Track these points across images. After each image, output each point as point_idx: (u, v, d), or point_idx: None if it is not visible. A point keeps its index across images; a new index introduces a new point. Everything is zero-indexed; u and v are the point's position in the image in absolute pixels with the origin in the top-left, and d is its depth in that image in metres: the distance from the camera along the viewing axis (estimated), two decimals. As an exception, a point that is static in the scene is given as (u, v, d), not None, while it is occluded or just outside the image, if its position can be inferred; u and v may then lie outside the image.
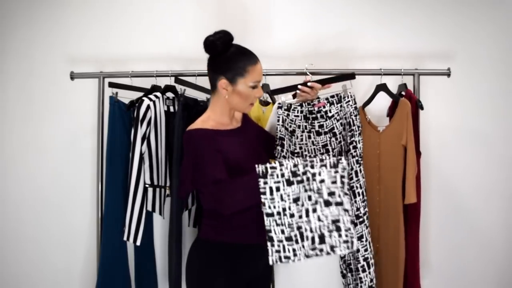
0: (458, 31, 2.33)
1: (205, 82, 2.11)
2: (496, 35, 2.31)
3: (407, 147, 1.88)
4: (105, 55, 2.46)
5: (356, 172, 1.70)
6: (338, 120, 1.69)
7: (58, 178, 2.48)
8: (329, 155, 1.64)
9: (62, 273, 2.49)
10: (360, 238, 1.67)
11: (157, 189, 2.00)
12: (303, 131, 1.68)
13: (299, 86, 1.70)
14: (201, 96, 2.13)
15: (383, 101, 2.12)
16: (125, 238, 1.90)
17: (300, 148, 1.67)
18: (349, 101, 1.71)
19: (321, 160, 1.28)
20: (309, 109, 1.70)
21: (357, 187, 1.70)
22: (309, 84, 1.69)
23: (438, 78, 2.23)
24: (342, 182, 1.27)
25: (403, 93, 2.06)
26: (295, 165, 1.29)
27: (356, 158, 1.69)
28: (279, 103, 1.71)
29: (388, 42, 2.35)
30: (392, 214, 1.93)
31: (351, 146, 1.69)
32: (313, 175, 1.27)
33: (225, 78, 1.48)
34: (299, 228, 1.29)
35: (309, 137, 1.67)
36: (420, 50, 2.34)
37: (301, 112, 1.71)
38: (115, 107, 2.05)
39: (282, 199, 1.30)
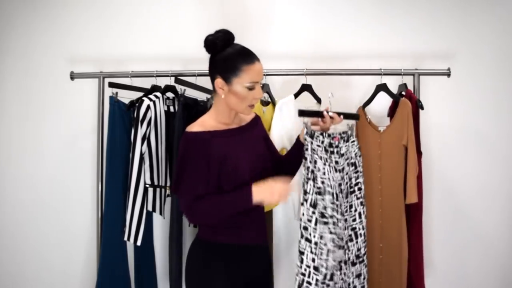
0: (458, 31, 2.33)
1: (205, 82, 2.12)
2: (496, 35, 2.31)
3: (408, 147, 1.88)
4: (105, 55, 2.45)
5: (359, 214, 1.66)
6: (346, 160, 1.62)
7: (58, 178, 2.48)
8: (342, 193, 1.60)
9: (62, 273, 2.49)
10: (358, 276, 1.66)
11: (157, 189, 2.00)
12: (324, 164, 1.56)
13: (325, 113, 1.56)
14: (201, 96, 2.13)
15: (383, 101, 2.12)
16: (125, 238, 1.90)
17: (322, 182, 1.54)
18: (354, 141, 1.65)
19: None
20: (330, 141, 1.59)
21: (359, 228, 1.65)
22: (330, 114, 1.57)
23: (438, 78, 2.23)
24: None
25: (403, 93, 2.06)
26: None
27: (361, 200, 1.65)
28: (306, 127, 1.58)
29: (388, 42, 2.35)
30: (394, 214, 1.93)
31: (356, 188, 1.65)
32: None
33: (221, 77, 1.46)
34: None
35: (330, 171, 1.56)
36: (420, 50, 2.34)
37: (322, 142, 1.58)
38: (115, 107, 2.05)
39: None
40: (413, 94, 2.01)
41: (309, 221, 1.51)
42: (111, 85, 2.07)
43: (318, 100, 2.11)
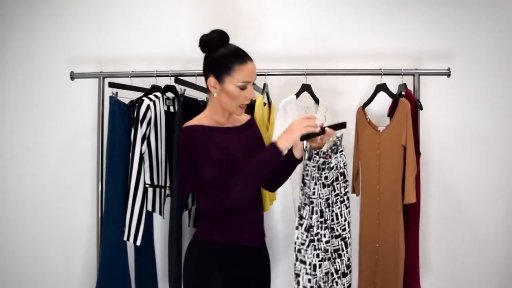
0: (458, 31, 2.33)
1: (205, 82, 2.12)
2: (496, 35, 2.31)
3: (407, 147, 1.87)
4: (105, 55, 2.46)
5: (348, 223, 1.63)
6: (334, 171, 1.58)
7: (58, 178, 2.48)
8: (329, 207, 1.57)
9: (62, 273, 2.49)
10: (349, 287, 1.66)
11: (157, 189, 2.00)
12: (315, 183, 1.54)
13: (326, 129, 1.45)
14: (201, 96, 2.13)
15: (383, 101, 2.12)
16: (125, 238, 1.90)
17: (311, 202, 1.54)
18: (342, 150, 1.60)
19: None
20: (324, 160, 1.56)
21: (348, 237, 1.63)
22: (327, 130, 1.46)
23: (438, 78, 2.23)
24: None
25: (403, 93, 2.06)
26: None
27: (349, 209, 1.64)
28: (307, 151, 1.54)
29: (388, 42, 2.35)
30: (392, 214, 1.93)
31: (345, 197, 1.61)
32: None
33: (213, 76, 1.46)
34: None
35: (319, 189, 1.55)
36: (420, 50, 2.34)
37: (317, 162, 1.55)
38: (115, 107, 2.05)
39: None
40: (412, 94, 2.01)
41: (303, 244, 1.53)
42: (111, 85, 2.07)
43: (317, 101, 2.11)
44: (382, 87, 2.03)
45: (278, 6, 2.39)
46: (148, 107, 1.89)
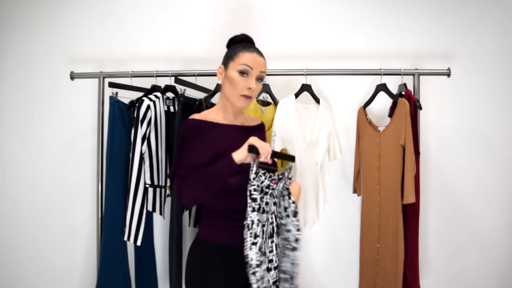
0: (458, 31, 2.33)
1: (205, 82, 2.12)
2: (496, 35, 2.31)
3: (406, 147, 1.88)
4: (105, 55, 2.46)
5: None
6: (274, 199, 1.48)
7: (58, 178, 2.48)
8: (263, 235, 1.42)
9: (62, 273, 2.49)
10: None
11: (157, 189, 2.00)
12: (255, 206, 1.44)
13: (264, 159, 1.41)
14: (201, 96, 2.13)
15: (384, 101, 2.12)
16: (125, 238, 1.90)
17: (267, 219, 1.45)
18: (285, 183, 1.52)
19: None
20: (269, 183, 1.46)
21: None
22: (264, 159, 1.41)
23: (438, 78, 2.24)
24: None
25: (403, 93, 2.06)
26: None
27: (285, 243, 1.50)
28: (254, 165, 1.41)
29: (388, 42, 2.35)
30: (392, 214, 1.93)
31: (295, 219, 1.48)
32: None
33: (222, 64, 1.54)
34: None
35: (258, 214, 1.43)
36: (420, 50, 2.34)
37: (262, 182, 1.44)
38: (115, 107, 2.05)
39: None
40: (412, 94, 2.01)
41: (258, 265, 1.36)
42: (111, 85, 2.07)
43: (317, 101, 2.11)
44: (382, 87, 2.03)
45: (278, 6, 2.39)
46: (148, 107, 1.89)
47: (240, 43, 1.53)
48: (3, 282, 2.53)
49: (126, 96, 2.11)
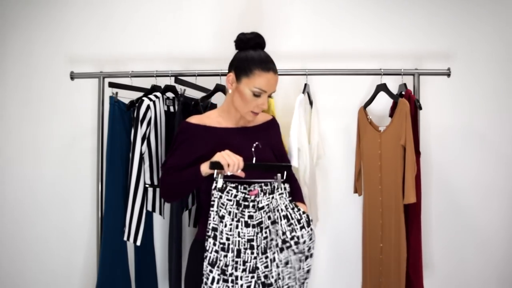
0: (458, 31, 2.33)
1: (205, 82, 2.12)
2: (496, 35, 2.31)
3: (406, 147, 1.87)
4: (105, 55, 2.46)
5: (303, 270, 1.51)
6: (266, 213, 1.45)
7: (58, 178, 2.48)
8: (253, 249, 1.41)
9: (62, 273, 2.49)
10: None
11: (157, 189, 2.00)
12: (232, 219, 1.41)
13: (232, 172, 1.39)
14: (201, 96, 2.13)
15: (385, 101, 2.12)
16: (125, 238, 1.90)
17: (227, 239, 1.40)
18: (282, 193, 1.50)
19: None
20: (245, 196, 1.44)
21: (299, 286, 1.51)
22: (238, 173, 1.41)
23: (438, 78, 2.24)
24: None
25: (403, 93, 2.06)
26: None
27: (299, 255, 1.48)
28: (216, 181, 1.41)
29: (388, 42, 2.35)
30: (394, 213, 1.93)
31: (292, 242, 1.45)
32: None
33: (234, 73, 1.48)
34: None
35: (237, 227, 1.41)
36: (420, 50, 2.34)
37: (235, 196, 1.43)
38: (115, 107, 2.05)
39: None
40: (412, 94, 2.01)
41: (207, 279, 1.38)
42: (111, 85, 2.07)
43: (311, 103, 2.11)
44: (382, 87, 2.03)
45: (278, 6, 2.39)
46: (148, 107, 1.89)
47: (254, 52, 1.47)
48: (3, 282, 2.52)
49: (126, 96, 2.11)
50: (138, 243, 1.90)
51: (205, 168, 1.41)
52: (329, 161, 2.36)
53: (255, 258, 1.41)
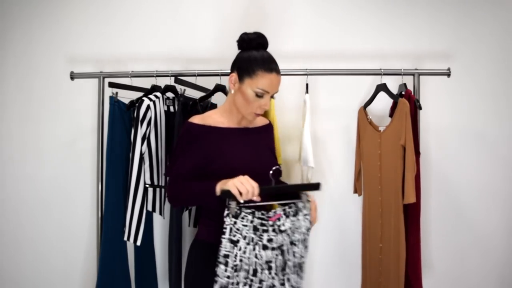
0: (458, 31, 2.33)
1: (205, 82, 2.12)
2: (496, 35, 2.31)
3: (406, 146, 1.87)
4: (105, 55, 2.46)
5: None
6: (288, 236, 1.41)
7: (58, 178, 2.48)
8: (270, 270, 1.37)
9: (62, 273, 2.49)
10: None
11: (157, 189, 2.00)
12: (248, 243, 1.36)
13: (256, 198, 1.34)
14: (200, 96, 2.13)
15: (385, 101, 2.12)
16: (125, 238, 1.90)
17: (241, 260, 1.35)
18: (307, 214, 1.44)
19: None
20: (263, 221, 1.38)
21: None
22: (255, 199, 1.34)
23: (438, 78, 2.24)
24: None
25: (403, 93, 2.06)
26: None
27: (302, 280, 1.47)
28: (228, 209, 1.35)
29: (388, 42, 2.35)
30: (394, 213, 1.93)
31: (304, 266, 1.46)
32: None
33: (236, 73, 1.48)
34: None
35: (254, 249, 1.36)
36: (420, 50, 2.34)
37: (251, 222, 1.37)
38: (115, 107, 2.05)
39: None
40: (412, 94, 2.01)
41: None
42: (111, 85, 2.07)
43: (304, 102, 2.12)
44: (382, 87, 2.03)
45: (278, 7, 2.39)
46: (148, 107, 1.89)
47: (257, 52, 1.47)
48: (3, 282, 2.52)
49: (126, 96, 2.11)
50: (138, 243, 1.90)
51: (219, 189, 1.35)
52: (329, 161, 2.36)
53: (273, 278, 1.38)
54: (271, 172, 1.42)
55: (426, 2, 2.34)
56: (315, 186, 1.39)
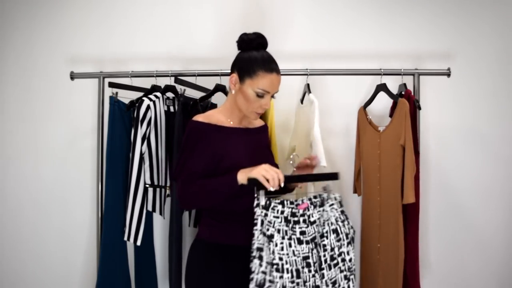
0: (458, 31, 2.33)
1: (205, 82, 2.12)
2: (496, 35, 2.32)
3: (405, 147, 1.87)
4: (105, 55, 2.46)
5: None
6: (320, 227, 1.39)
7: (58, 178, 2.48)
8: (310, 267, 1.35)
9: (62, 273, 2.49)
10: None
11: (157, 189, 2.00)
12: (283, 237, 1.33)
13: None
14: (201, 96, 2.13)
15: (385, 101, 2.12)
16: (125, 238, 1.90)
17: (280, 259, 1.31)
18: (333, 204, 1.42)
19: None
20: (293, 210, 1.37)
21: None
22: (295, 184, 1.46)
23: (438, 78, 2.24)
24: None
25: (403, 93, 2.06)
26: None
27: (345, 273, 1.40)
28: (257, 199, 1.34)
29: (388, 42, 2.35)
30: (393, 214, 1.93)
31: (339, 259, 1.39)
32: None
33: (237, 74, 1.48)
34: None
35: (290, 245, 1.34)
36: (420, 50, 2.34)
37: (282, 212, 1.35)
38: (115, 107, 2.05)
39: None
40: (411, 94, 2.01)
41: None
42: (111, 85, 2.07)
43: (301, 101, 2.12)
44: (382, 87, 2.03)
45: (278, 7, 2.39)
46: (148, 107, 1.89)
47: (257, 52, 1.47)
48: (3, 282, 2.53)
49: (126, 96, 2.11)
50: (138, 243, 1.90)
51: (242, 178, 1.33)
52: (329, 161, 2.36)
53: (313, 276, 1.34)
54: (290, 161, 1.43)
55: (426, 2, 2.34)
56: (334, 176, 1.40)
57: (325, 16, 2.38)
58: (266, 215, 1.34)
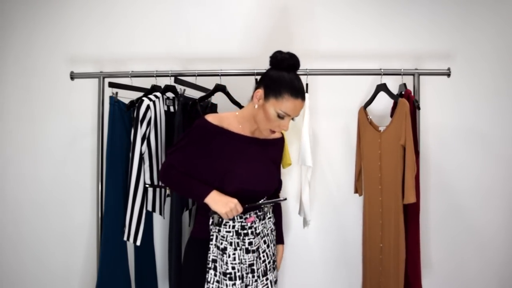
0: (458, 31, 2.33)
1: (205, 82, 2.12)
2: (496, 35, 2.31)
3: (406, 146, 1.87)
4: (105, 55, 2.46)
5: None
6: (262, 238, 1.56)
7: (58, 178, 2.48)
8: (253, 273, 1.51)
9: (62, 273, 2.49)
10: None
11: (157, 189, 2.00)
12: (235, 249, 1.47)
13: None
14: (200, 96, 2.13)
15: (386, 101, 2.12)
16: (125, 238, 1.90)
17: (233, 268, 1.46)
18: (270, 217, 1.63)
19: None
20: (242, 224, 1.50)
21: None
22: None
23: (438, 78, 2.24)
24: None
25: (403, 93, 2.06)
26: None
27: (275, 272, 1.64)
28: (212, 217, 1.51)
29: (388, 42, 2.35)
30: (394, 213, 1.93)
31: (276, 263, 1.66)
32: None
33: (263, 90, 1.48)
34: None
35: (241, 254, 1.49)
36: (420, 50, 2.34)
37: (233, 227, 1.49)
38: (115, 107, 2.05)
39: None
40: (411, 94, 2.01)
41: None
42: (111, 85, 2.07)
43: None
44: (382, 87, 2.03)
45: (278, 7, 2.39)
46: (148, 107, 1.89)
47: (287, 74, 1.46)
48: (3, 282, 2.53)
49: (126, 96, 2.11)
50: (138, 243, 1.90)
51: (209, 201, 1.46)
52: (329, 161, 2.36)
53: (256, 281, 1.50)
54: (262, 200, 1.56)
55: (426, 1, 2.34)
56: (283, 200, 1.61)
57: (325, 16, 2.38)
58: (219, 230, 1.49)
